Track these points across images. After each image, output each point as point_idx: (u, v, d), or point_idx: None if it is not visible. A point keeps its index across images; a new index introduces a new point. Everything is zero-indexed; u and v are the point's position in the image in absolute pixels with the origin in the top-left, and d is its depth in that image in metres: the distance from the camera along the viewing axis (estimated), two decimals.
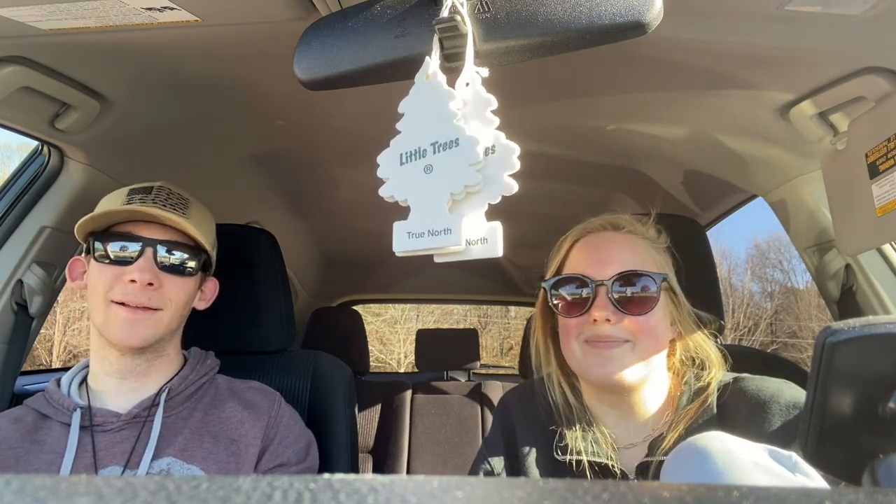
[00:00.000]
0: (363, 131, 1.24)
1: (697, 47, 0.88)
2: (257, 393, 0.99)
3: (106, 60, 0.93)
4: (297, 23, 0.77)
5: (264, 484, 0.19)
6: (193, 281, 0.93)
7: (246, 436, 0.91)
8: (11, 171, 1.20)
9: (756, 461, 0.45)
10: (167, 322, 0.90)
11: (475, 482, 0.20)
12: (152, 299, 0.87)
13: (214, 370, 1.00)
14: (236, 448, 0.89)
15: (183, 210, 0.92)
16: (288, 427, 0.96)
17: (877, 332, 0.42)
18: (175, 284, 0.90)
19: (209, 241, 0.94)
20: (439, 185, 0.50)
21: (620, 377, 0.76)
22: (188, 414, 0.91)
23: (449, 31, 0.53)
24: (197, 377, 0.95)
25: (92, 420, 0.86)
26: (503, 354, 11.36)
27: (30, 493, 0.18)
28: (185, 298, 0.92)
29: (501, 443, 0.90)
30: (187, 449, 0.87)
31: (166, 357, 0.94)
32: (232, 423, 0.92)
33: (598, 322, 0.77)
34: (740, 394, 0.78)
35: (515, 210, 1.75)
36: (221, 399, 0.96)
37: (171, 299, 0.89)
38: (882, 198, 0.89)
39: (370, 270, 2.78)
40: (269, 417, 0.95)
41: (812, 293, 9.39)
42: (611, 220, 0.85)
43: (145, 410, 0.88)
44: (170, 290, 0.89)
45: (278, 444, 0.93)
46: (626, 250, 0.80)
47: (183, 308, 0.93)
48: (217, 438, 0.90)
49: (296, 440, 0.96)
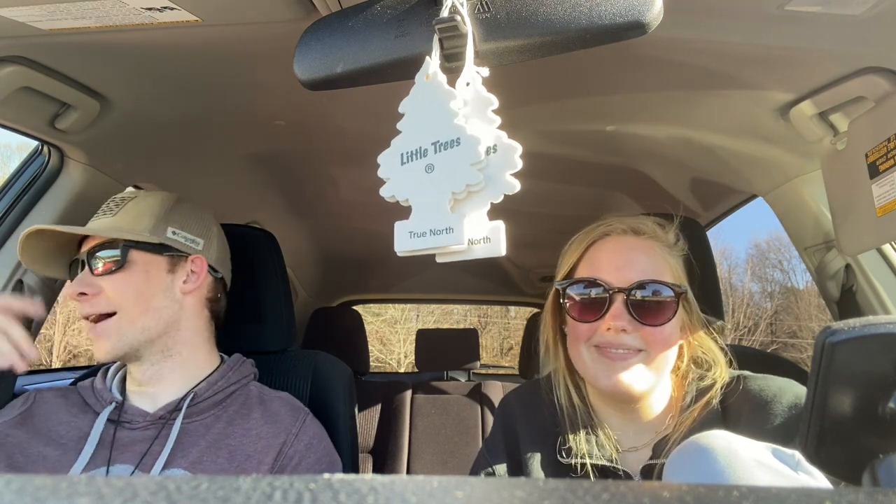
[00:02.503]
0: (363, 131, 1.24)
1: (697, 47, 0.88)
2: (283, 405, 0.95)
3: (106, 60, 0.93)
4: (297, 23, 0.77)
5: (264, 484, 0.19)
6: (135, 273, 0.88)
7: (260, 452, 0.88)
8: (11, 171, 1.20)
9: (759, 460, 0.45)
10: (128, 324, 0.87)
11: (475, 482, 0.20)
12: (96, 306, 0.86)
13: (249, 377, 0.97)
14: (249, 465, 0.87)
15: (111, 211, 0.91)
16: (309, 447, 0.91)
17: (877, 332, 0.42)
18: (114, 283, 0.87)
19: (140, 226, 0.90)
20: (441, 184, 0.50)
21: (630, 386, 0.75)
22: (212, 422, 0.89)
23: (449, 31, 0.53)
24: (227, 384, 0.93)
25: (121, 416, 0.88)
26: (503, 354, 11.36)
27: (30, 493, 0.18)
28: (134, 292, 0.88)
29: (503, 445, 0.89)
30: (201, 462, 0.85)
31: (180, 358, 0.92)
32: (251, 436, 0.89)
33: (612, 331, 0.75)
34: (743, 393, 0.77)
35: (515, 210, 1.75)
36: (249, 408, 0.93)
37: (116, 298, 0.87)
38: (882, 198, 0.89)
39: (370, 270, 2.78)
40: (287, 435, 0.90)
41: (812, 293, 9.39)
42: (632, 224, 0.82)
43: (170, 413, 0.88)
44: (110, 291, 0.87)
45: (296, 466, 0.89)
46: (645, 257, 0.78)
47: (139, 301, 0.88)
48: (233, 454, 0.87)
49: (317, 462, 0.91)
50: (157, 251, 0.91)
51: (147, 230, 0.90)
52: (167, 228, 0.92)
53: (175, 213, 0.95)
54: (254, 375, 1.00)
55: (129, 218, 0.90)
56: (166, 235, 0.92)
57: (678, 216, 0.86)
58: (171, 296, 0.92)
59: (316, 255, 2.46)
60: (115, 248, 0.88)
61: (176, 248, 0.93)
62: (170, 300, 0.91)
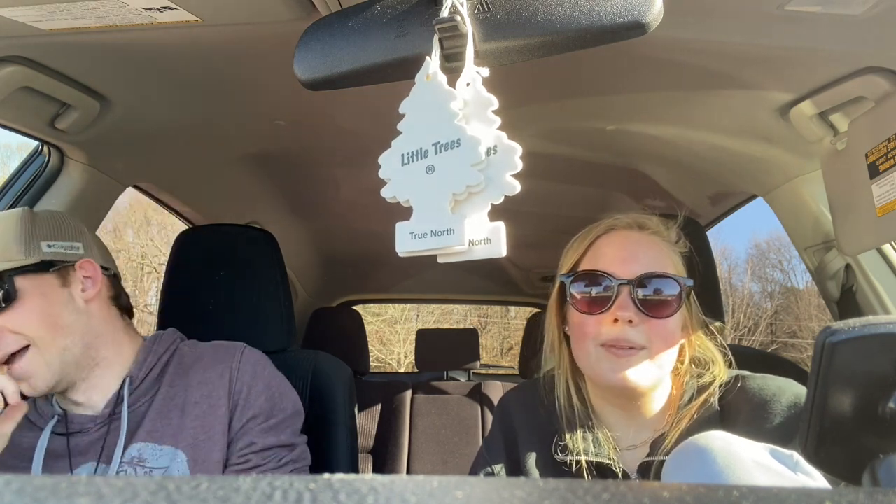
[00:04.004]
0: (363, 131, 1.24)
1: (697, 47, 0.88)
2: (219, 349, 0.95)
3: (106, 60, 0.93)
4: (297, 23, 0.77)
5: (264, 484, 0.19)
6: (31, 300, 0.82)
7: (211, 395, 0.88)
8: (11, 171, 1.20)
9: (757, 460, 0.45)
10: (50, 350, 0.82)
11: (475, 482, 0.20)
12: (4, 346, 0.80)
13: (175, 343, 0.96)
14: (203, 411, 0.87)
15: None
16: (254, 375, 0.91)
17: (877, 332, 0.42)
18: (13, 318, 0.80)
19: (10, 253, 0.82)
20: (441, 185, 0.50)
21: (635, 382, 0.75)
22: (154, 394, 0.89)
23: (449, 31, 0.53)
24: (157, 357, 0.92)
25: (69, 428, 0.87)
26: (503, 354, 11.36)
27: (30, 493, 0.18)
28: (38, 318, 0.82)
29: (502, 444, 0.89)
30: (156, 430, 0.86)
31: (106, 360, 0.89)
32: (194, 386, 0.89)
33: (619, 322, 0.75)
34: (742, 392, 0.78)
35: (515, 210, 1.75)
36: (185, 367, 0.92)
37: (25, 330, 0.81)
38: (882, 198, 0.89)
39: (370, 270, 2.78)
40: (230, 370, 0.90)
41: (812, 293, 9.38)
42: (637, 219, 0.83)
43: (115, 407, 0.88)
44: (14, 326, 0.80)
45: (247, 396, 0.89)
46: (650, 251, 0.79)
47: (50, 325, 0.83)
48: (184, 409, 0.87)
49: (265, 388, 0.91)
50: (42, 270, 0.85)
51: (21, 253, 0.83)
52: (40, 244, 0.85)
53: (39, 227, 0.87)
54: (179, 339, 0.98)
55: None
56: (42, 252, 0.85)
57: (681, 216, 0.87)
58: (76, 308, 0.87)
59: (316, 255, 2.46)
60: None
61: (59, 261, 0.86)
62: (76, 313, 0.86)
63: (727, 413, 0.78)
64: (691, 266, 0.84)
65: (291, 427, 0.93)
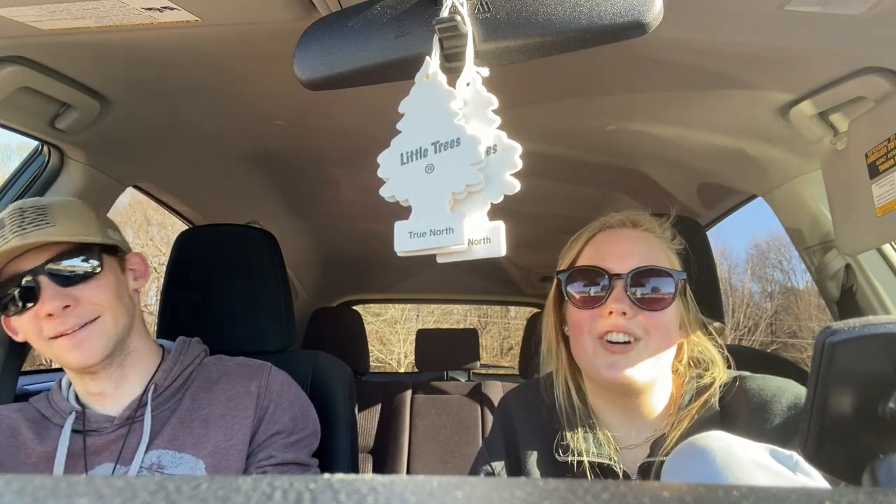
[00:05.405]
0: (363, 131, 1.24)
1: (697, 47, 0.88)
2: (246, 366, 0.97)
3: (106, 60, 0.93)
4: (297, 23, 0.77)
5: (264, 484, 0.19)
6: (106, 275, 0.87)
7: (237, 408, 0.90)
8: (11, 171, 1.20)
9: (757, 461, 0.45)
10: (112, 324, 0.86)
11: (475, 482, 0.20)
12: (81, 316, 0.83)
13: (201, 356, 0.98)
14: (227, 423, 0.89)
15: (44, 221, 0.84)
16: (280, 393, 0.94)
17: (877, 332, 0.42)
18: (90, 290, 0.85)
19: (92, 229, 0.87)
20: (441, 184, 0.50)
21: (632, 377, 0.75)
22: (177, 404, 0.91)
23: (449, 31, 0.53)
24: (182, 368, 0.94)
25: (86, 425, 0.87)
26: (503, 354, 11.35)
27: (30, 493, 0.18)
28: (111, 294, 0.87)
29: (502, 444, 0.90)
30: (177, 438, 0.87)
31: (137, 352, 0.92)
32: (222, 400, 0.91)
33: (614, 314, 0.76)
34: (742, 393, 0.78)
35: (515, 210, 1.75)
36: (211, 381, 0.94)
37: (98, 303, 0.85)
38: (882, 198, 0.89)
39: (370, 270, 2.78)
40: (259, 386, 0.93)
41: (812, 293, 9.38)
42: (630, 216, 0.85)
43: (136, 411, 0.88)
44: (90, 298, 0.84)
45: (273, 411, 0.92)
46: (644, 246, 0.81)
47: (118, 302, 0.88)
48: (207, 421, 0.89)
49: (290, 405, 0.94)
50: (113, 252, 0.91)
51: (99, 234, 0.88)
52: (106, 231, 0.91)
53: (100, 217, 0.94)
54: (204, 353, 1.00)
55: (75, 225, 0.86)
56: (109, 236, 0.90)
57: (673, 213, 0.88)
58: (129, 293, 0.93)
59: (316, 255, 2.46)
60: (81, 255, 0.85)
61: (120, 249, 0.93)
62: (129, 298, 0.92)
63: (727, 413, 0.78)
64: (687, 264, 0.85)
65: (309, 447, 0.96)
